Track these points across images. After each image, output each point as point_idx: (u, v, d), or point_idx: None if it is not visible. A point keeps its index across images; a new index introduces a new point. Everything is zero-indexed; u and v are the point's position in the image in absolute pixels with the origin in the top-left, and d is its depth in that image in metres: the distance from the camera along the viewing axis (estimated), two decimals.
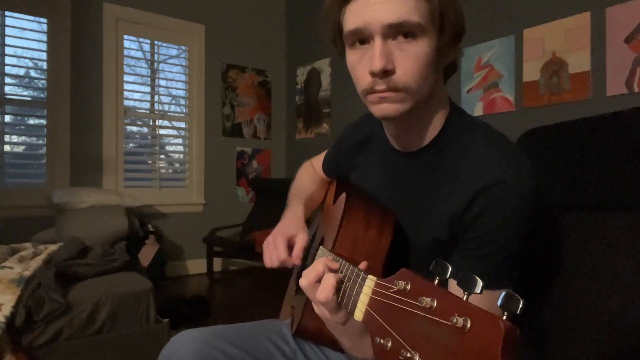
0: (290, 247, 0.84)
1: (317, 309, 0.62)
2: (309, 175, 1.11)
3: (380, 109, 0.70)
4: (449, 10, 0.66)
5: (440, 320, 0.34)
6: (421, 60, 0.66)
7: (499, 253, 0.65)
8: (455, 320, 0.33)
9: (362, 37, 0.68)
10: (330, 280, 0.57)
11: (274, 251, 0.85)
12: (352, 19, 0.68)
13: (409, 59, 0.66)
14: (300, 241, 0.83)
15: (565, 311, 0.79)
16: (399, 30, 0.64)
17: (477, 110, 2.84)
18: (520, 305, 0.31)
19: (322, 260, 0.61)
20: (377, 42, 0.65)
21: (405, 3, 0.63)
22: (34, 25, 3.27)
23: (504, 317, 0.31)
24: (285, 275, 1.15)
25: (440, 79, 0.74)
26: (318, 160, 1.13)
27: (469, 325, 0.32)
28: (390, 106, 0.68)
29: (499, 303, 0.33)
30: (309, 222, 0.95)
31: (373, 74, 0.66)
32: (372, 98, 0.69)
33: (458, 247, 0.69)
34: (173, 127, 4.00)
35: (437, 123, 0.75)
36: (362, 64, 0.69)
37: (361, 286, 0.52)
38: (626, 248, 0.75)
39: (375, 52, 0.65)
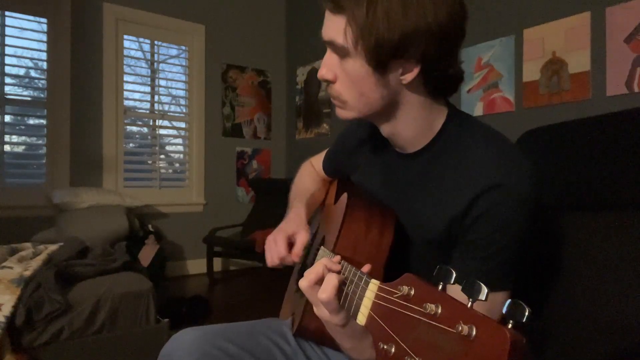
0: (291, 245, 0.85)
1: (317, 311, 0.62)
2: (310, 176, 1.12)
3: (336, 113, 0.77)
4: (377, 34, 0.62)
5: (445, 327, 0.34)
6: (352, 78, 0.69)
7: (498, 255, 0.65)
8: (460, 328, 0.32)
9: None
10: (332, 281, 0.57)
11: (274, 248, 0.86)
12: None
13: (343, 74, 0.70)
14: (301, 239, 0.84)
15: (564, 311, 0.79)
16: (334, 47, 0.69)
17: (477, 110, 2.84)
18: (527, 314, 0.31)
19: (323, 261, 0.61)
20: (327, 53, 0.71)
21: (336, 24, 0.66)
22: (34, 25, 3.26)
23: (510, 326, 0.31)
24: (286, 275, 1.15)
25: (408, 92, 0.70)
26: (318, 160, 1.13)
27: (474, 333, 0.31)
28: (340, 112, 0.76)
29: (504, 311, 0.32)
30: (309, 221, 0.95)
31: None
32: None
33: (457, 249, 0.69)
34: (173, 127, 3.99)
35: (433, 125, 0.74)
36: None
37: (364, 290, 0.52)
38: (626, 248, 0.75)
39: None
